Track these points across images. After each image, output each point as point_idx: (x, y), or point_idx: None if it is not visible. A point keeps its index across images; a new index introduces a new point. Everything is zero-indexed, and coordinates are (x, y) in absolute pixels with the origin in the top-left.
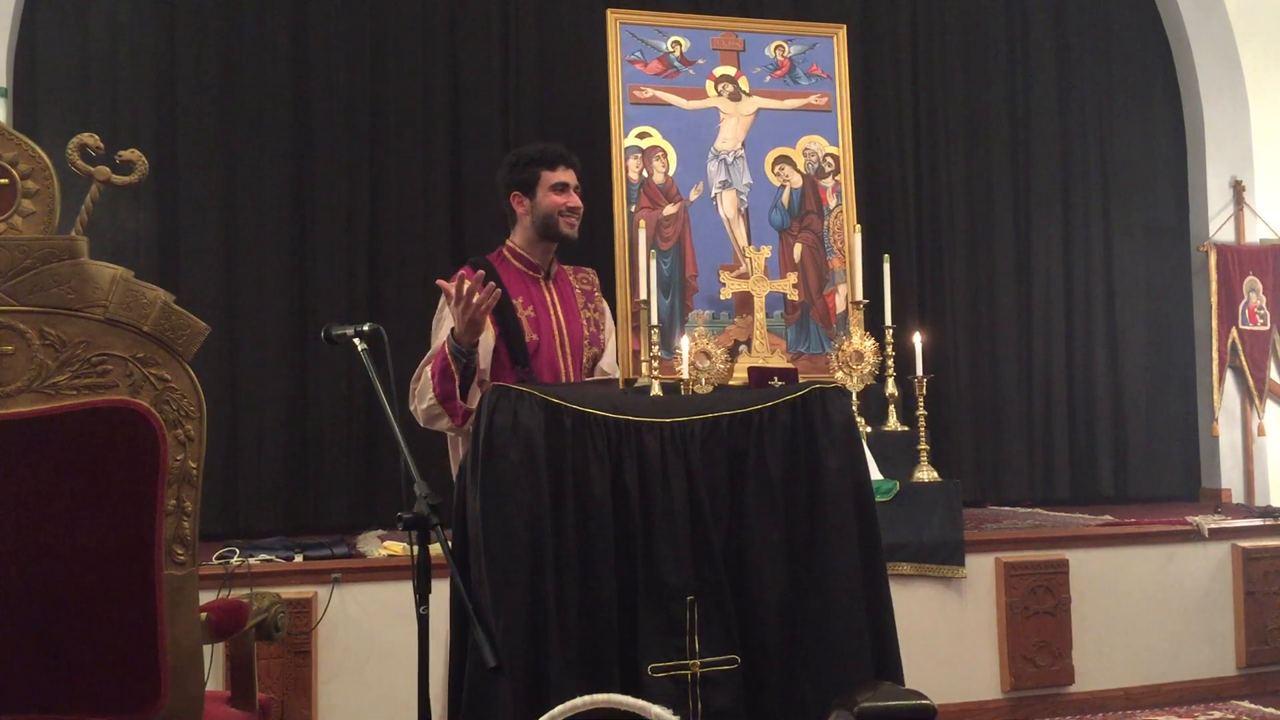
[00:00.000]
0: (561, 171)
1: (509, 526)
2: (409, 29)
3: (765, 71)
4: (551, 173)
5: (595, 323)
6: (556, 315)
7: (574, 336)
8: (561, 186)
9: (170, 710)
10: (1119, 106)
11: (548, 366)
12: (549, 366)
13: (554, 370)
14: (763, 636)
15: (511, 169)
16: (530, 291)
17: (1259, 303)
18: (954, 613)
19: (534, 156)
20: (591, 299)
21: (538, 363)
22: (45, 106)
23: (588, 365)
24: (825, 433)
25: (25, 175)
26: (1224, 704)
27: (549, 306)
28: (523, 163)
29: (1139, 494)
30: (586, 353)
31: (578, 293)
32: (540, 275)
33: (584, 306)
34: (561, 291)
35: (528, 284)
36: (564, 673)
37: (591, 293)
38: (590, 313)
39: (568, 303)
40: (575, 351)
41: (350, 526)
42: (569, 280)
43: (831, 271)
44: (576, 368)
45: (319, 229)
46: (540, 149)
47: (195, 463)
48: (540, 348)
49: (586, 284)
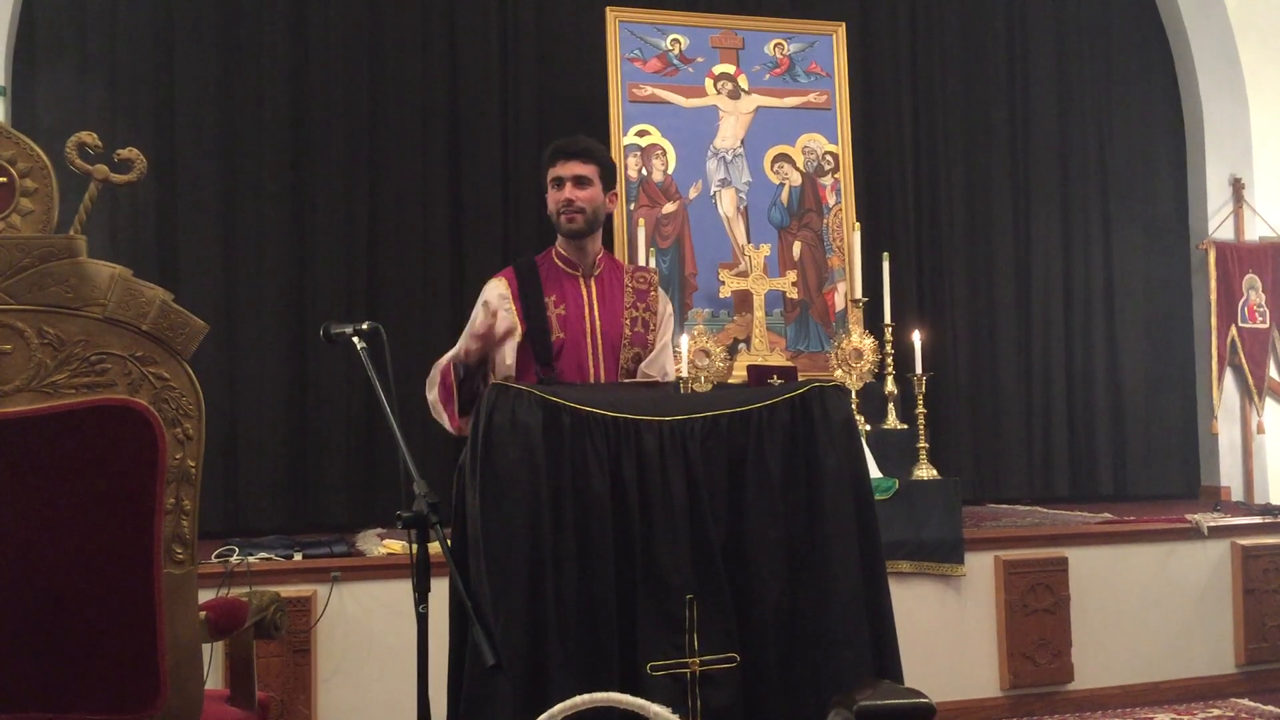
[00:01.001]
0: (560, 165)
1: (508, 525)
2: (408, 27)
3: (764, 69)
4: (551, 168)
5: (643, 322)
6: (592, 313)
7: (610, 336)
8: (557, 182)
9: (170, 708)
10: (1118, 104)
11: (574, 366)
12: (575, 366)
13: (581, 370)
14: (762, 634)
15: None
16: (565, 289)
17: (1258, 300)
18: (953, 611)
19: (546, 155)
20: (644, 298)
21: (562, 362)
22: (44, 105)
23: (627, 365)
24: (824, 431)
25: (24, 174)
26: (1223, 701)
27: (585, 304)
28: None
29: (1138, 492)
30: (625, 353)
31: (628, 290)
32: (579, 273)
33: (631, 305)
34: (605, 289)
35: (564, 281)
36: (563, 671)
37: (646, 292)
38: (639, 312)
39: (610, 301)
40: (610, 351)
41: (349, 525)
42: (621, 278)
43: (831, 269)
44: (610, 367)
45: (318, 227)
46: (551, 145)
47: (194, 461)
48: (565, 346)
49: (642, 283)
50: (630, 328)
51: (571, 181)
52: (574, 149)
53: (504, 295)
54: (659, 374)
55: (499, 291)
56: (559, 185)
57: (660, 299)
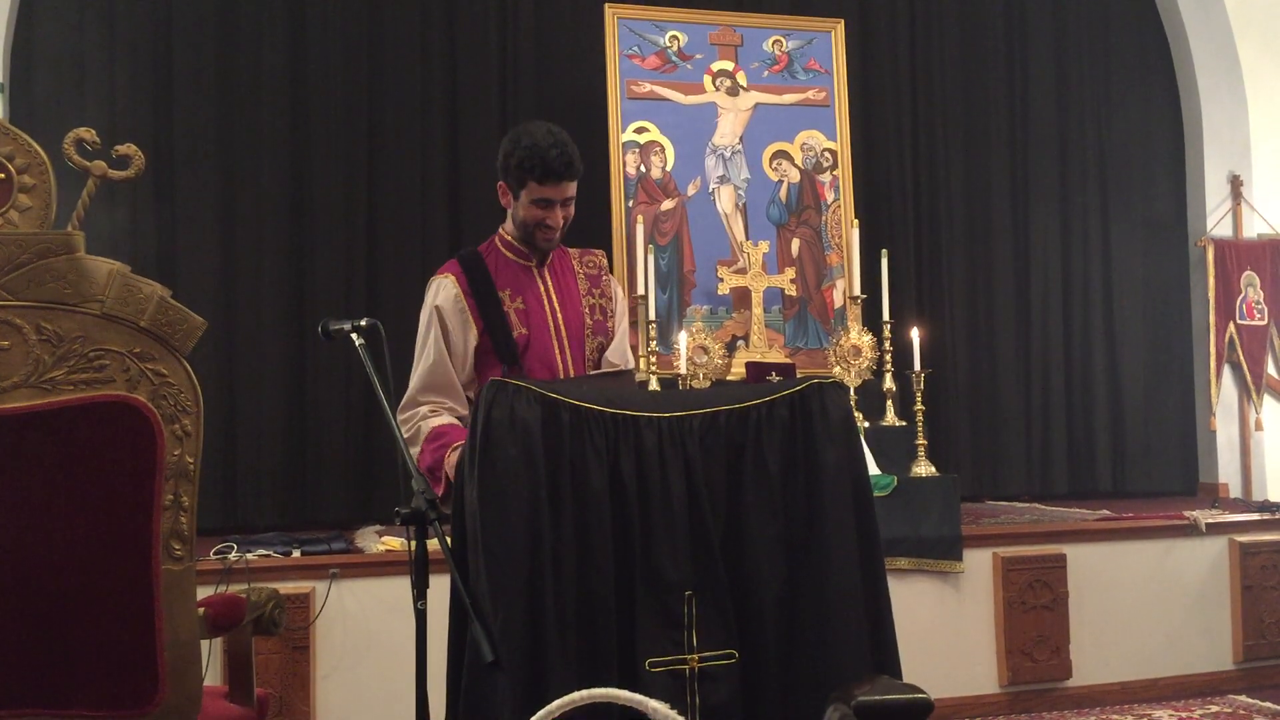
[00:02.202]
0: (550, 188)
1: (507, 522)
2: (406, 23)
3: (763, 66)
4: (540, 186)
5: (601, 309)
6: (551, 305)
7: (572, 327)
8: (545, 203)
9: (168, 705)
10: (1117, 101)
11: (540, 362)
12: (542, 362)
13: (549, 365)
14: (761, 631)
15: (506, 158)
16: (520, 281)
17: (1256, 297)
18: (952, 607)
19: (528, 163)
20: (598, 284)
21: (528, 359)
22: (42, 101)
23: (592, 356)
24: (823, 428)
25: (21, 170)
26: (1221, 698)
27: (543, 296)
28: (515, 161)
29: (1136, 489)
30: (590, 343)
31: (581, 277)
32: (532, 263)
33: (587, 293)
34: (559, 278)
35: (519, 273)
36: (562, 667)
37: (598, 277)
38: (595, 299)
39: (566, 290)
40: (575, 343)
41: (348, 522)
42: (571, 264)
43: (829, 266)
44: (577, 360)
45: (316, 223)
46: (538, 156)
47: (192, 457)
48: (530, 342)
49: (593, 267)
50: (590, 316)
51: (561, 204)
52: (572, 169)
53: (456, 295)
54: (622, 361)
55: (451, 291)
56: (546, 206)
57: (611, 281)
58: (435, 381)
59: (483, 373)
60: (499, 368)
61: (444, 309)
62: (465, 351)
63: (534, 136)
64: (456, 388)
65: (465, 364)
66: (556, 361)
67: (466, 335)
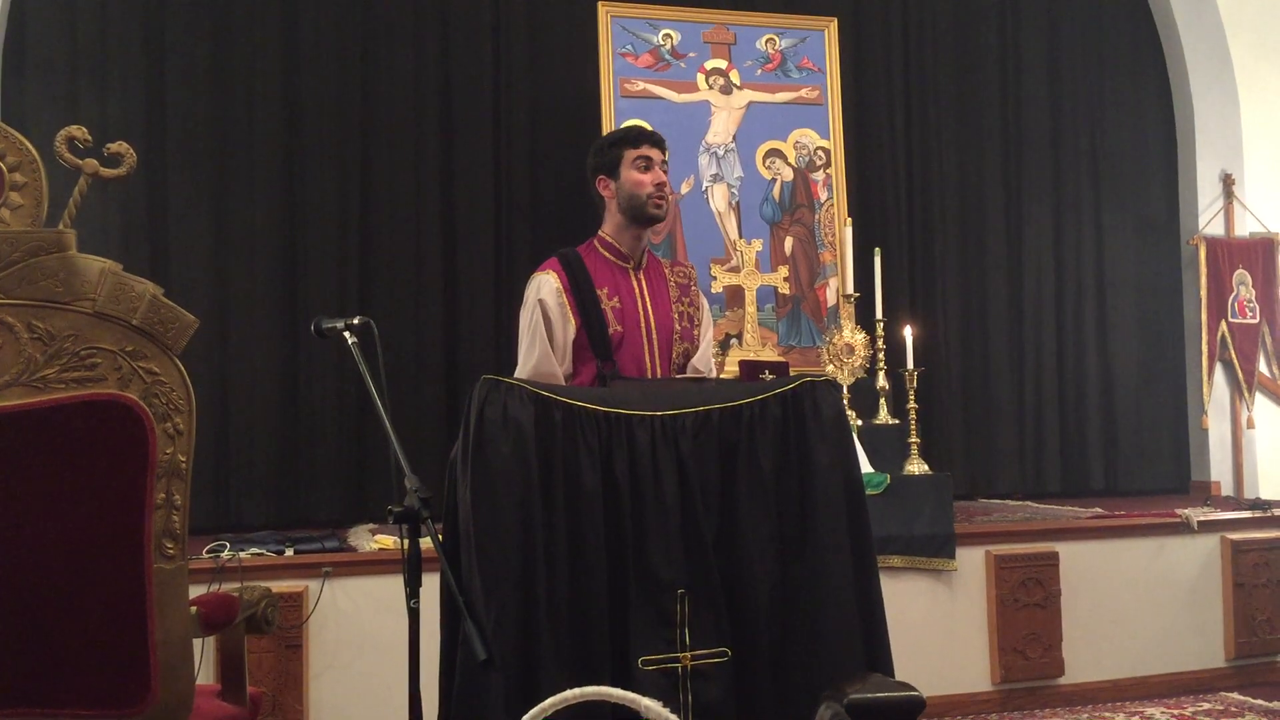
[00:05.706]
0: (646, 148)
1: (499, 520)
2: (399, 22)
3: (756, 65)
4: (635, 149)
5: (689, 317)
6: (645, 307)
7: (663, 329)
8: (646, 162)
9: (160, 704)
10: (1110, 100)
11: (632, 359)
12: (633, 359)
13: (638, 363)
14: (753, 629)
15: (597, 153)
16: (617, 281)
17: (1248, 296)
18: (944, 605)
19: (617, 137)
20: (687, 293)
21: (621, 355)
22: (33, 99)
23: (678, 361)
24: (816, 426)
25: (13, 168)
26: (1212, 695)
27: (637, 297)
28: (606, 145)
29: (1129, 487)
30: (677, 347)
31: (672, 285)
32: (630, 265)
33: (677, 300)
34: (653, 283)
35: (615, 274)
36: (554, 665)
37: (688, 286)
38: (684, 307)
39: (658, 295)
40: (664, 345)
41: (341, 520)
42: (663, 272)
43: (822, 265)
44: (664, 362)
45: (309, 222)
46: (624, 129)
47: (185, 456)
48: (624, 340)
49: (683, 278)
50: (679, 322)
51: (660, 166)
52: (657, 136)
53: (557, 289)
54: (706, 369)
55: (552, 286)
56: (647, 166)
57: (699, 293)
58: (540, 374)
59: (579, 367)
60: (594, 362)
61: (547, 303)
62: (565, 344)
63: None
64: (560, 380)
65: (565, 356)
66: (645, 360)
67: (566, 329)
